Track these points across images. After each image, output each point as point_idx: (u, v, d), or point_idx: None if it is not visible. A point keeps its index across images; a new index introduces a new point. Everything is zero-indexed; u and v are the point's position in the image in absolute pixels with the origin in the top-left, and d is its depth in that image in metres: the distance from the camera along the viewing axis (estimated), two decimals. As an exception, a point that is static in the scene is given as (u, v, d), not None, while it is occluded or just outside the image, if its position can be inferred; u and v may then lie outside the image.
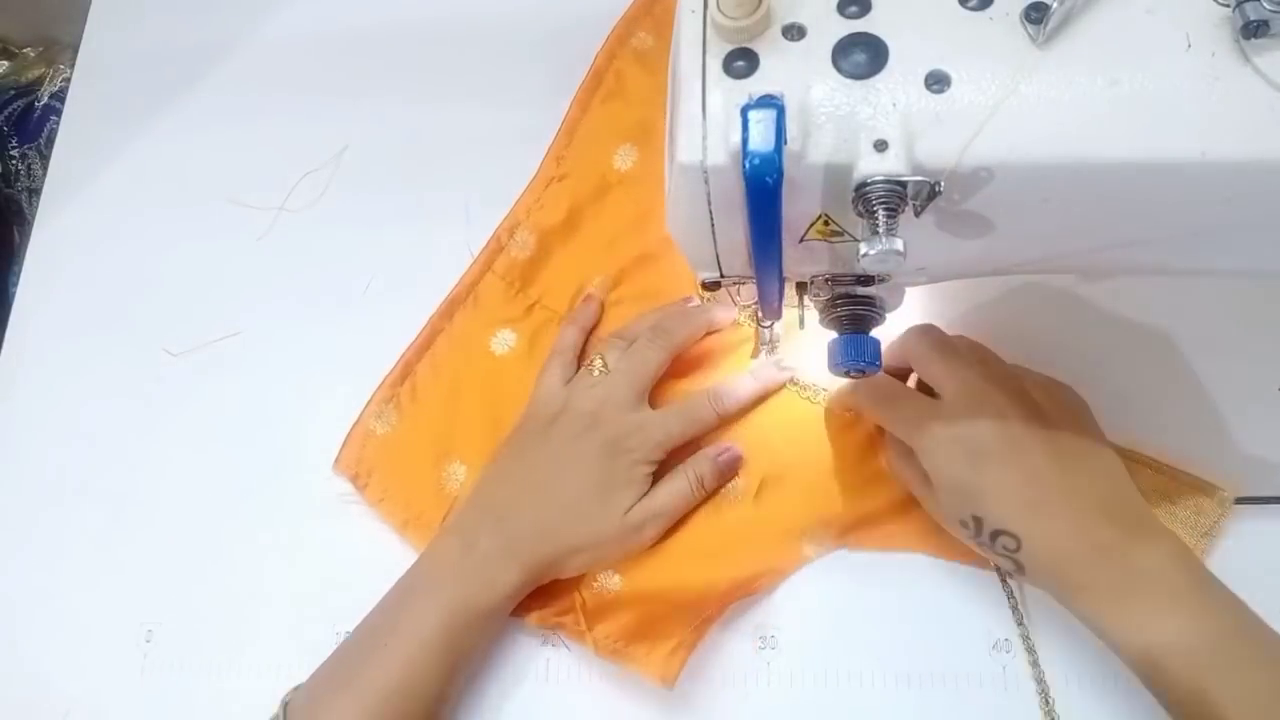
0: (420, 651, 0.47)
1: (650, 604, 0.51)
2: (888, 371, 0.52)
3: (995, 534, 0.45)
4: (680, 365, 0.55)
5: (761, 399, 0.55)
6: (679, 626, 0.50)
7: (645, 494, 0.51)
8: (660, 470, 0.52)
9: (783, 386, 0.55)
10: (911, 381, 0.53)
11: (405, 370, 0.58)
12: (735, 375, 0.55)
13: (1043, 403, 0.47)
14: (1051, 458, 0.45)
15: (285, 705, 0.47)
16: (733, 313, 0.55)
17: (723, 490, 0.53)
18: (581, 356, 0.56)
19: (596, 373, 0.53)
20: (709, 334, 0.56)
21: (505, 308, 0.59)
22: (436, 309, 0.59)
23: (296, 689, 0.48)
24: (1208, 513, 0.50)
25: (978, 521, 0.45)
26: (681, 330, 0.54)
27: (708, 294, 0.45)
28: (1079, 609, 0.44)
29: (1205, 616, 0.41)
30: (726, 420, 0.54)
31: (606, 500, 0.50)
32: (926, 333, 0.50)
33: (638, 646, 0.50)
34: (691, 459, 0.52)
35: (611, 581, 0.51)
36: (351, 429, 0.56)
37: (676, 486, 0.51)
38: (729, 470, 0.53)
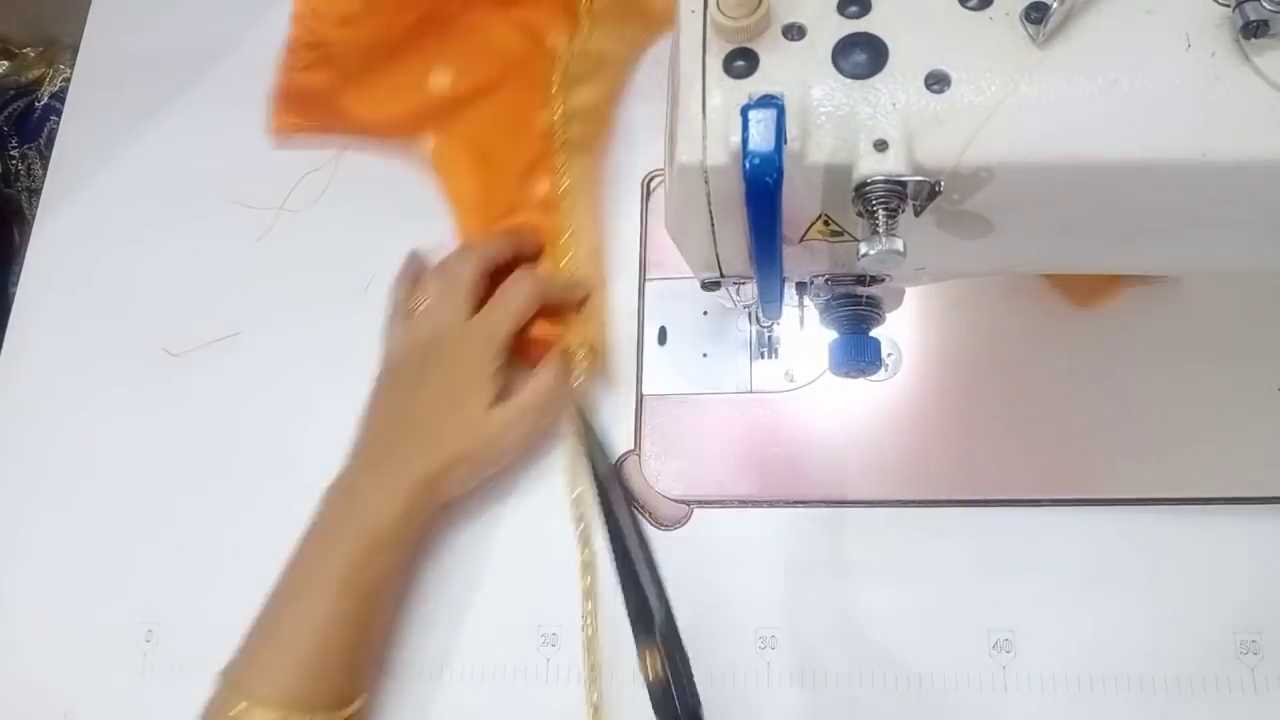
0: (333, 592, 0.48)
1: None
2: None
3: None
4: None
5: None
6: None
7: (505, 395, 0.52)
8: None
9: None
10: None
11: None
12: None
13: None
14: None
15: (223, 673, 0.48)
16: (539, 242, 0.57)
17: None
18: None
19: (423, 306, 0.54)
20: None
21: None
22: None
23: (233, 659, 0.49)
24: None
25: None
26: (488, 244, 0.55)
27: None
28: None
29: None
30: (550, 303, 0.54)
31: (460, 408, 0.52)
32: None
33: None
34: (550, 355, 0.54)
35: None
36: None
37: (540, 380, 0.53)
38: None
